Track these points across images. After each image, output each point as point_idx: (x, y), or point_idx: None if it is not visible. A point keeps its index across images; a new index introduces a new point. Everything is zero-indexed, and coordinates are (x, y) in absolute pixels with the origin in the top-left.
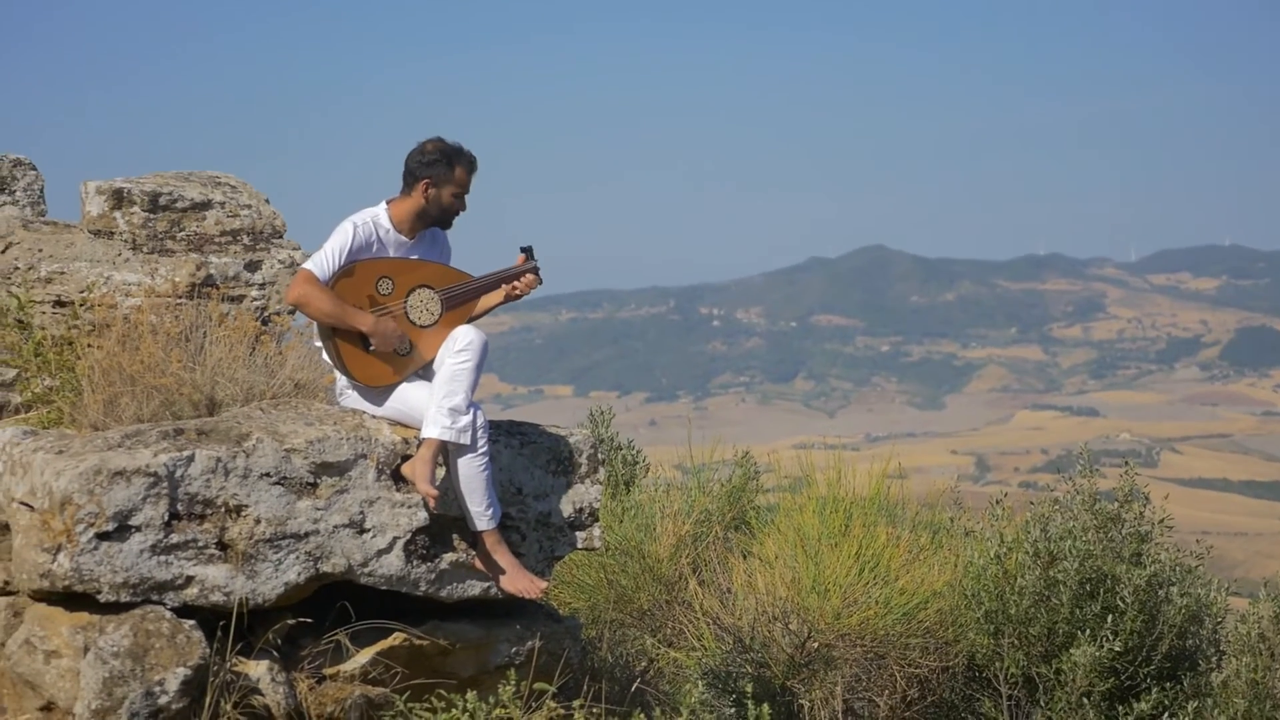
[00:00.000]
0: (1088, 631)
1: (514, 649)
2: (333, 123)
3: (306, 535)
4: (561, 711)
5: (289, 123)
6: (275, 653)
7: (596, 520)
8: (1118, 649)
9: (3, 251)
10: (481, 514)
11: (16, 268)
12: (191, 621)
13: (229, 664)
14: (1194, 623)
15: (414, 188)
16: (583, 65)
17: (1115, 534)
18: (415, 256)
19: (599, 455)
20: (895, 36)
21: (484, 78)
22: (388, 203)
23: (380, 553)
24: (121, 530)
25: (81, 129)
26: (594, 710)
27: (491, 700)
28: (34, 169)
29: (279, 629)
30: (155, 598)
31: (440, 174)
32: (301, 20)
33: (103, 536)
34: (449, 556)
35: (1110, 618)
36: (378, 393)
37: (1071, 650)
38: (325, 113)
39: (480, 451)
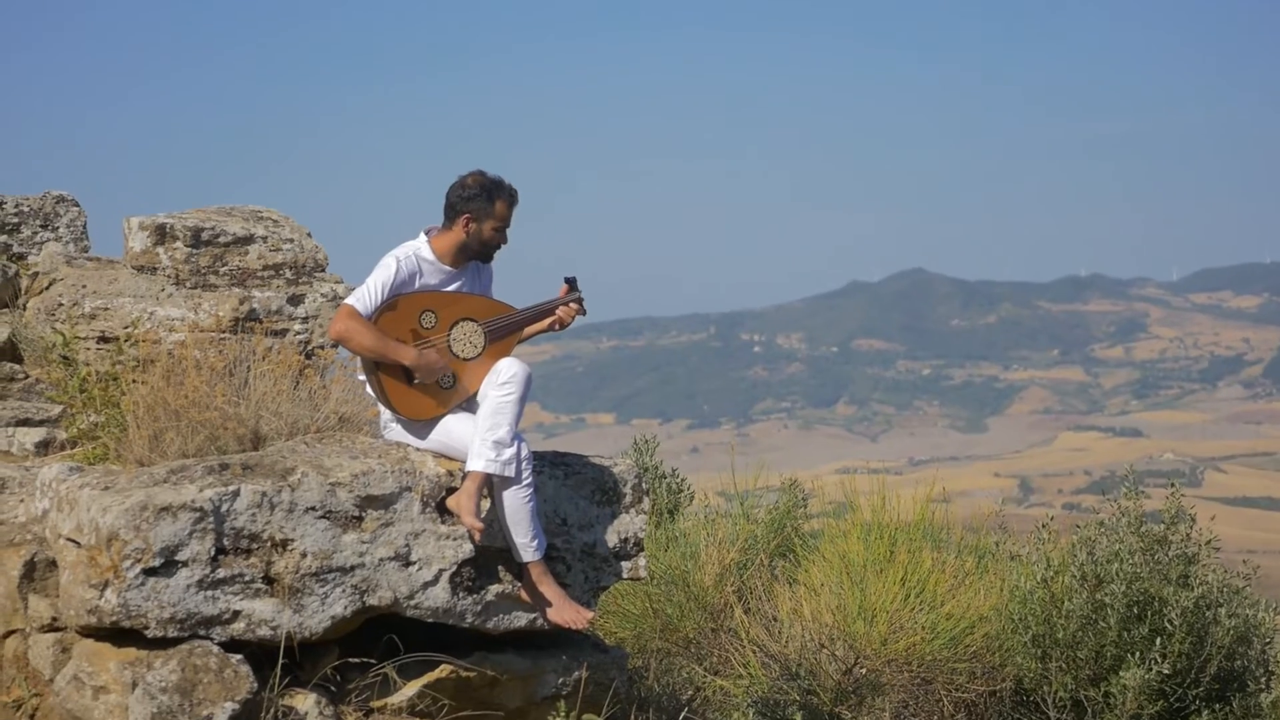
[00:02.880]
0: (1136, 654)
1: (561, 680)
2: (375, 156)
3: (352, 569)
4: None
5: (331, 157)
6: (323, 686)
7: (641, 550)
8: (1166, 671)
9: (47, 288)
10: (527, 545)
11: (61, 304)
12: (239, 656)
13: (277, 698)
14: (1242, 644)
15: (455, 221)
16: (626, 91)
17: (1162, 556)
18: (459, 285)
19: (643, 484)
20: (934, 59)
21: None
22: (427, 234)
23: (426, 585)
24: (168, 565)
25: (124, 165)
26: None
27: None
28: (77, 205)
29: (326, 662)
30: (202, 632)
31: (481, 208)
32: (345, 56)
33: (149, 572)
34: (495, 588)
35: (1158, 640)
36: (421, 426)
37: (1120, 673)
38: (368, 146)
39: (525, 483)
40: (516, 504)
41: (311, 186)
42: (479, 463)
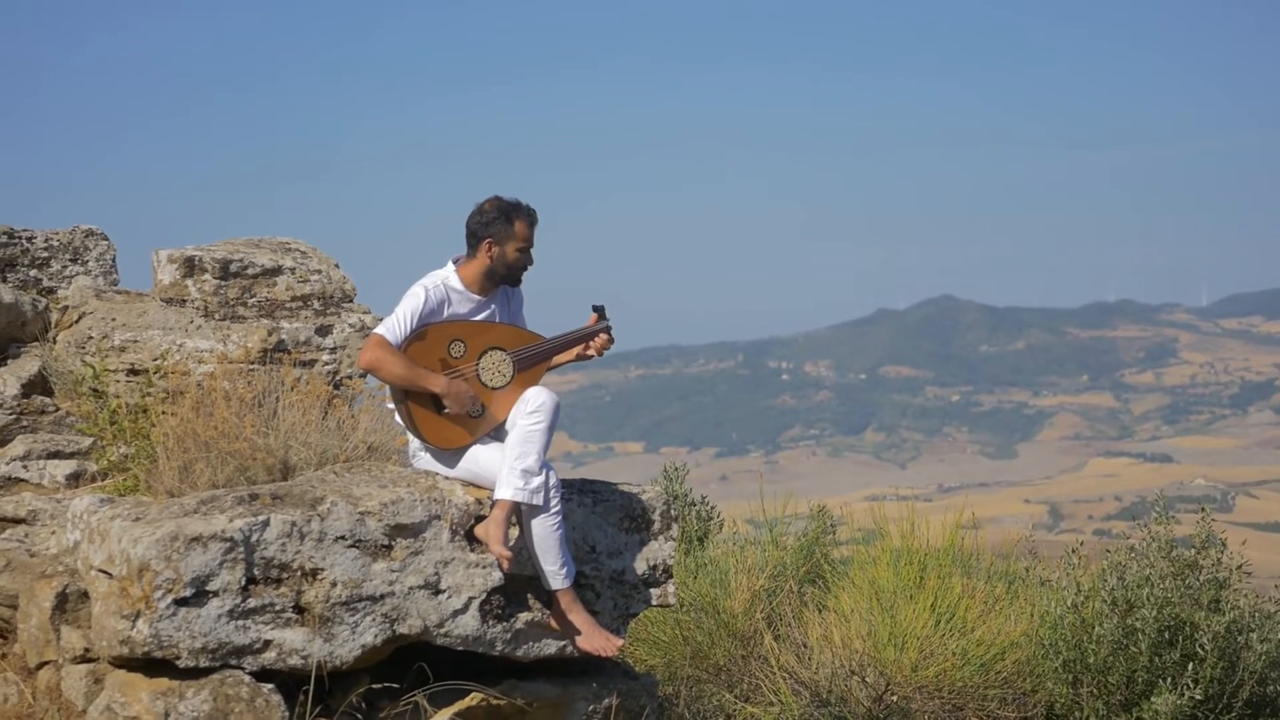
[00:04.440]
0: (1168, 679)
1: (591, 707)
2: (404, 186)
3: (382, 597)
4: None
5: (359, 187)
6: (354, 715)
7: (670, 576)
8: (1198, 697)
9: (77, 321)
10: (556, 573)
11: (90, 337)
12: (270, 685)
13: None
14: (1275, 669)
15: (478, 249)
16: (654, 119)
17: (1193, 580)
18: (489, 312)
19: (672, 512)
20: (961, 85)
21: (552, 136)
22: (455, 264)
23: (456, 613)
24: (199, 596)
25: (152, 198)
26: None
27: None
28: (106, 239)
29: (358, 691)
30: (234, 662)
31: (501, 231)
32: (372, 86)
33: (181, 602)
34: (524, 616)
35: (1190, 665)
36: (450, 454)
37: (1152, 698)
38: (396, 177)
39: (553, 511)
40: (545, 532)
41: (339, 217)
42: (507, 491)
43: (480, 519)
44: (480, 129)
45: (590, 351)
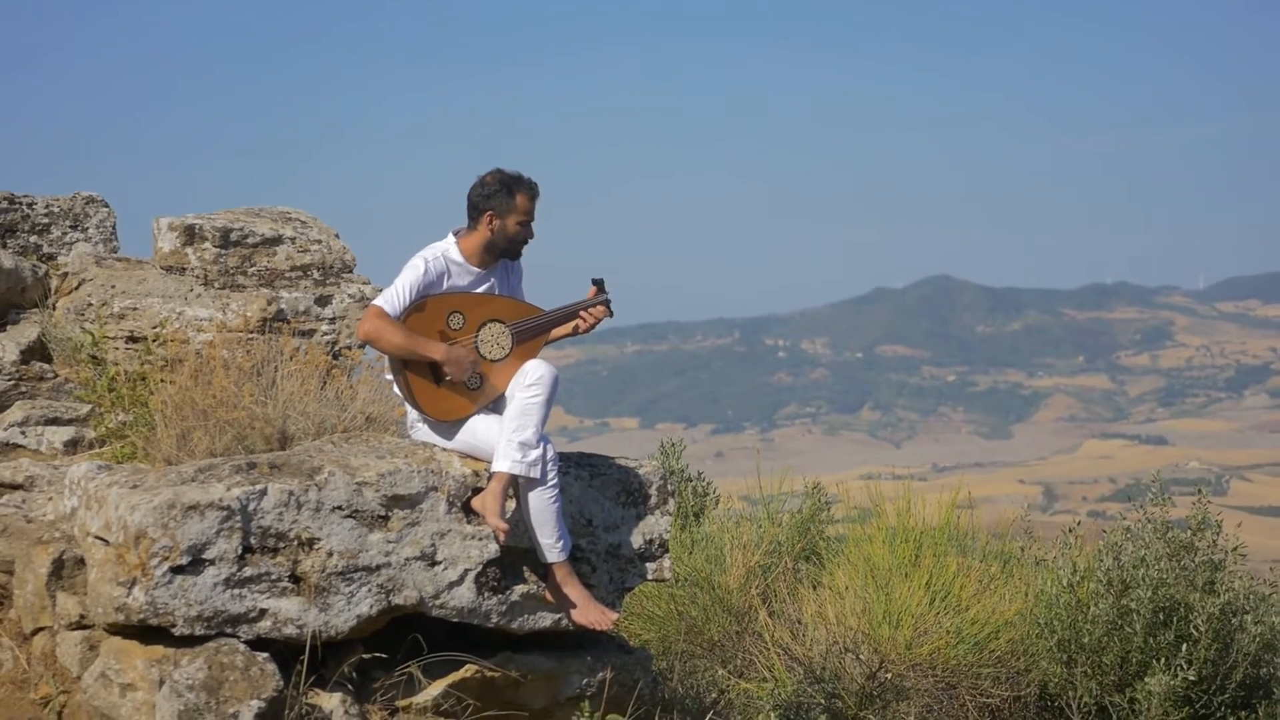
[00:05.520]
0: (1161, 660)
1: (585, 680)
2: (404, 157)
3: (378, 568)
4: None
5: (360, 158)
6: (348, 685)
7: (666, 551)
8: (1192, 678)
9: (76, 288)
10: (552, 546)
11: (90, 304)
12: (265, 654)
13: (303, 696)
14: (1268, 651)
15: (479, 221)
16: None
17: (1188, 562)
18: (489, 285)
19: (669, 486)
20: (959, 67)
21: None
22: (455, 236)
23: (451, 585)
24: (195, 564)
25: (154, 166)
26: None
27: None
28: (106, 206)
29: (352, 661)
30: (229, 631)
31: (502, 204)
32: (374, 57)
33: (177, 570)
34: (520, 588)
35: (1184, 646)
36: (448, 426)
37: (1145, 679)
38: (397, 147)
39: (550, 484)
40: (542, 505)
41: (340, 187)
42: (505, 463)
43: (477, 491)
44: (484, 102)
45: (587, 325)
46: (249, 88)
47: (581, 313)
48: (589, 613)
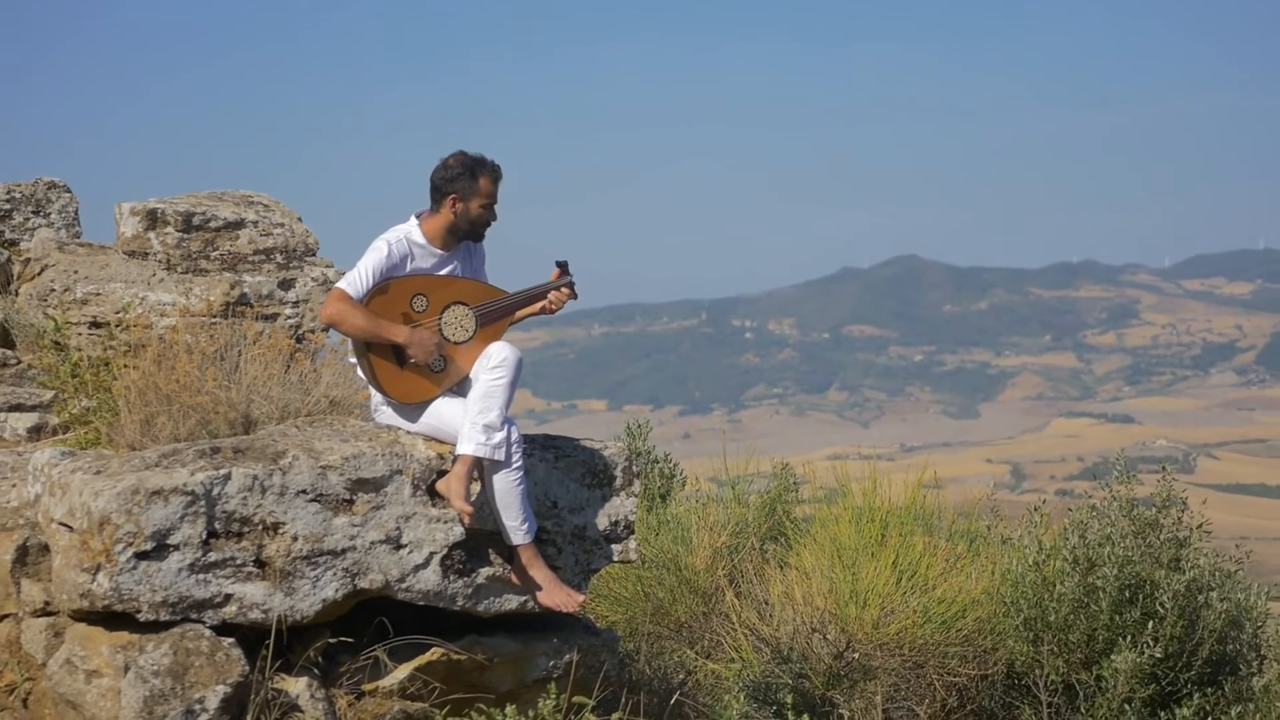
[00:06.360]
0: (1128, 637)
1: (552, 663)
2: (363, 139)
3: (343, 552)
4: None
5: (321, 141)
6: (314, 669)
7: (632, 532)
8: (1158, 655)
9: (39, 274)
10: (517, 529)
11: (53, 290)
12: (231, 639)
13: (268, 681)
14: (1234, 628)
15: (442, 204)
16: (612, 76)
17: (1154, 540)
18: (452, 267)
19: (634, 468)
20: (925, 46)
21: (513, 88)
22: (418, 219)
23: (417, 568)
24: (160, 549)
25: (115, 151)
26: None
27: (530, 714)
28: (68, 191)
29: (318, 646)
30: (194, 616)
31: (465, 187)
32: (332, 36)
33: (141, 556)
34: (485, 571)
35: (1150, 623)
36: (412, 409)
37: (1112, 656)
38: (356, 129)
39: (515, 467)
40: (507, 487)
41: (302, 171)
42: (469, 446)
43: (442, 474)
44: (448, 89)
45: (552, 306)
46: (211, 72)
47: (549, 294)
48: (555, 595)
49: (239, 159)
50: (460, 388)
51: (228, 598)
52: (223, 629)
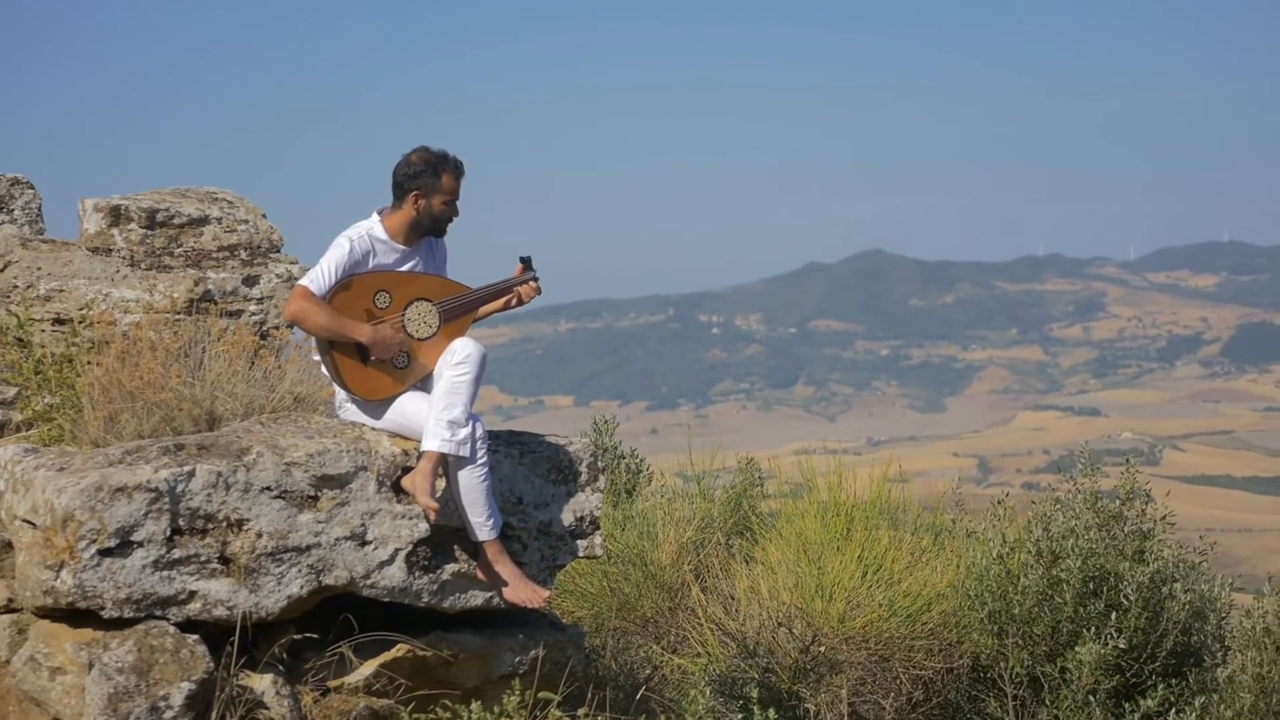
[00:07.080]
0: (1092, 629)
1: (518, 658)
2: (327, 136)
3: (308, 548)
4: None
5: (284, 137)
6: (279, 666)
7: (598, 528)
8: (1122, 646)
9: (1, 270)
10: (482, 525)
11: (15, 286)
12: (195, 636)
13: (233, 678)
14: (1198, 619)
15: (404, 200)
16: (577, 73)
17: (1118, 532)
18: (414, 263)
19: (599, 463)
20: (889, 40)
21: (477, 84)
22: (380, 215)
23: (382, 564)
24: (124, 546)
25: (79, 147)
26: (599, 718)
27: (496, 710)
28: (31, 187)
29: (283, 642)
30: (159, 613)
31: (428, 184)
32: (293, 35)
33: (105, 553)
34: (451, 567)
35: (1114, 615)
36: (376, 405)
37: (1076, 648)
38: (319, 126)
39: (480, 463)
40: (472, 483)
41: (266, 168)
42: (434, 442)
43: (407, 470)
44: (405, 78)
45: (517, 302)
46: (175, 69)
47: (514, 290)
48: (520, 591)
49: (203, 156)
50: (425, 384)
51: (192, 594)
52: (187, 626)
